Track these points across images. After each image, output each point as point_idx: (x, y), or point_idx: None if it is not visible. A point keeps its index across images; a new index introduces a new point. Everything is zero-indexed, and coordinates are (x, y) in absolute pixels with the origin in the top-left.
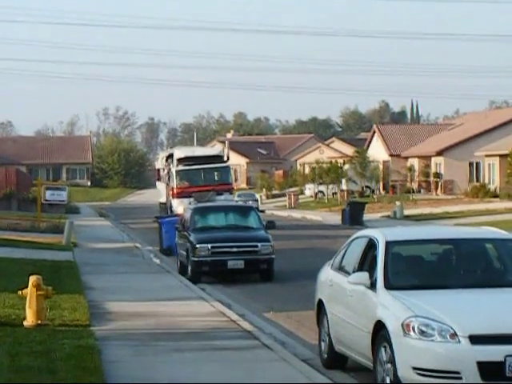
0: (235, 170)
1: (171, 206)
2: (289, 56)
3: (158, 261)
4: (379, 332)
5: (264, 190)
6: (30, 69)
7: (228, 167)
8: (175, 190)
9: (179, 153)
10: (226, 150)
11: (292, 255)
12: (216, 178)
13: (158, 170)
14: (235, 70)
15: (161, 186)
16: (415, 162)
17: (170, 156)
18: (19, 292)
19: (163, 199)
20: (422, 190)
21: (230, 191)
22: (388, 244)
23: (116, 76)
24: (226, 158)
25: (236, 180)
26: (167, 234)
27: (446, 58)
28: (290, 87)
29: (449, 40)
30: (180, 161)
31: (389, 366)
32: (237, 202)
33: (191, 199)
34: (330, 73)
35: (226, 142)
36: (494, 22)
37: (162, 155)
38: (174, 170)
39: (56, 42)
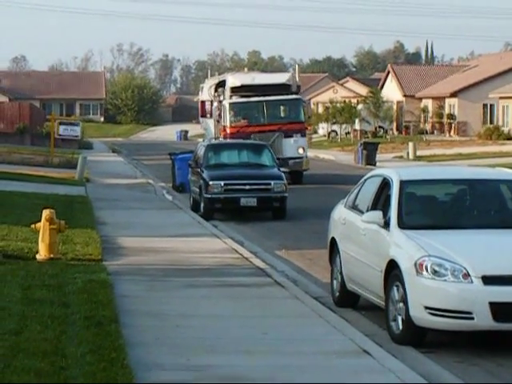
0: None
1: None
2: None
3: (170, 197)
4: (392, 271)
5: None
6: (45, 3)
7: (300, 100)
8: (228, 130)
9: (233, 80)
10: (295, 77)
11: (305, 194)
12: (283, 115)
13: (203, 102)
14: (250, 8)
15: (207, 123)
16: (429, 103)
17: (221, 84)
18: (32, 226)
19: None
20: (435, 132)
21: (303, 132)
22: (402, 183)
23: (131, 12)
24: (295, 88)
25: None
26: (180, 170)
27: None
28: (304, 26)
29: None
30: (234, 90)
31: (401, 305)
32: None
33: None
34: (345, 12)
35: (296, 66)
36: None
37: (210, 83)
38: (226, 103)
39: None
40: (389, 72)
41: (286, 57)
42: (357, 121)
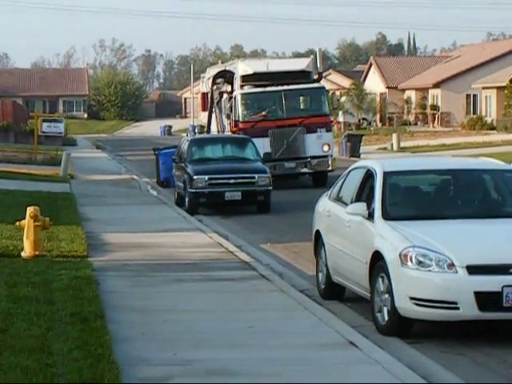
0: None
1: None
2: None
3: (155, 192)
4: (377, 262)
5: None
6: (26, 0)
7: (323, 89)
8: (240, 125)
9: (245, 67)
10: (317, 62)
11: (288, 186)
12: (304, 106)
13: (204, 94)
14: (231, 2)
15: (210, 117)
16: (412, 95)
17: (230, 73)
18: (17, 223)
19: None
20: (418, 123)
21: (328, 127)
22: (386, 174)
23: (112, 7)
24: (316, 75)
25: None
26: (164, 165)
27: None
28: (286, 19)
29: None
30: (246, 79)
31: (386, 296)
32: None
33: (268, 139)
34: (328, 4)
35: (318, 49)
36: None
37: (214, 71)
38: (237, 94)
39: None
40: (371, 64)
41: (269, 50)
42: (340, 113)
